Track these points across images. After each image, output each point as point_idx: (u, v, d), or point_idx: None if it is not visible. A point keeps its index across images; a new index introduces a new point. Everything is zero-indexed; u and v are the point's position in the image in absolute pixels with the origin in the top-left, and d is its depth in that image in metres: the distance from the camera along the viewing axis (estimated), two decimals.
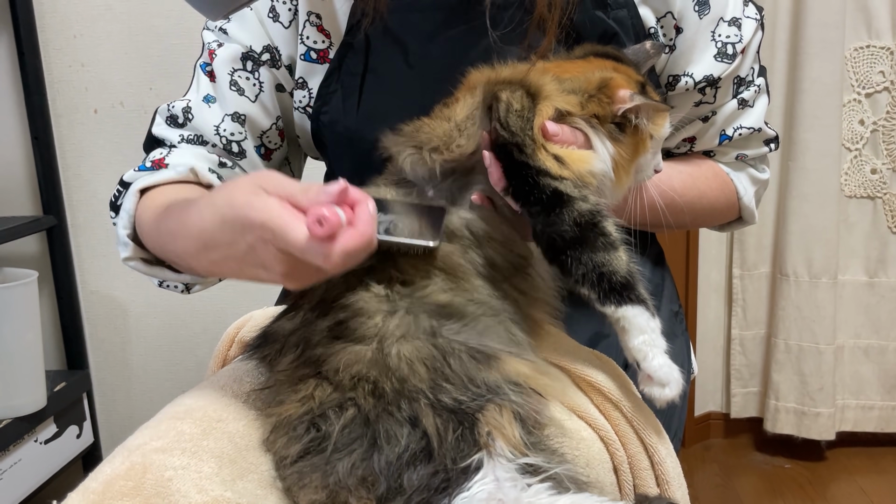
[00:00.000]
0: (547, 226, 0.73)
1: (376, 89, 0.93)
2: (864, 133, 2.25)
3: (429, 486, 0.63)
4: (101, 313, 1.95)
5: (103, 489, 0.66)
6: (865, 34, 2.19)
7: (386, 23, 0.92)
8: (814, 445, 2.31)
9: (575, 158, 0.76)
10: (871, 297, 2.33)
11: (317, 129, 0.98)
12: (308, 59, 0.96)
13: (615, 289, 0.71)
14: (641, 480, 0.76)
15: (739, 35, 0.95)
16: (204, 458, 0.68)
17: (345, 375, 0.68)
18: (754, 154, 1.05)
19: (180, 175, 0.92)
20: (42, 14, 1.78)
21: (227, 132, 0.98)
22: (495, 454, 0.63)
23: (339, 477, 0.65)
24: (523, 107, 0.77)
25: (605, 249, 0.72)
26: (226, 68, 0.97)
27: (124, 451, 0.70)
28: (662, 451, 0.77)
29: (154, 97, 1.84)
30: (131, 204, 0.92)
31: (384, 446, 0.65)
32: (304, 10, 0.95)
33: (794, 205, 2.23)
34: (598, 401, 0.79)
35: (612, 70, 0.81)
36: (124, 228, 0.93)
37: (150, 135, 1.01)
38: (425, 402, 0.66)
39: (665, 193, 0.89)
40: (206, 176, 0.94)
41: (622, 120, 0.79)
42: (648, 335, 0.72)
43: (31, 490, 1.65)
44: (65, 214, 1.85)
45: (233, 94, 0.97)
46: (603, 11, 0.90)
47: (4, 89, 1.81)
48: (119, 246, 0.95)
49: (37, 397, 1.63)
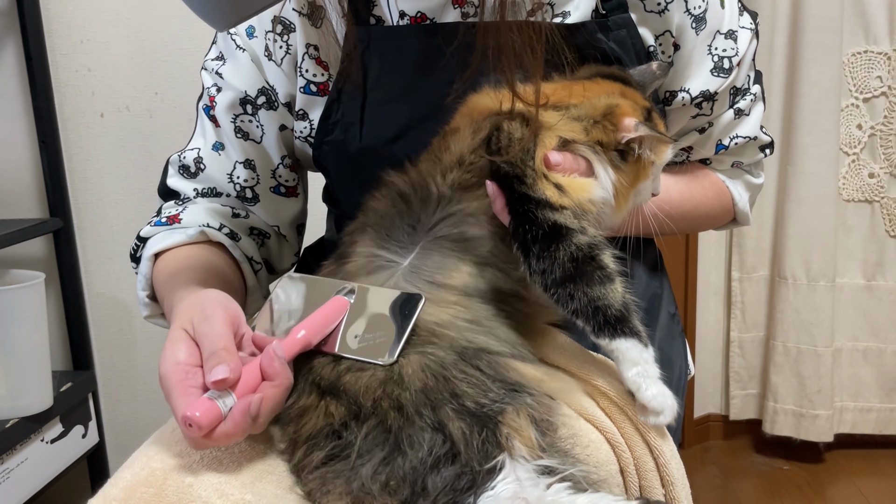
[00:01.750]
0: (543, 262, 0.73)
1: (376, 117, 0.93)
2: (861, 137, 2.26)
3: (454, 487, 0.64)
4: (107, 315, 1.96)
5: (125, 496, 0.67)
6: (863, 40, 2.21)
7: (382, 50, 0.92)
8: (812, 447, 2.32)
9: (576, 187, 0.77)
10: (869, 300, 2.33)
11: (319, 156, 0.99)
12: (308, 92, 0.96)
13: (609, 322, 0.73)
14: (647, 481, 0.78)
15: (735, 48, 0.95)
16: (223, 462, 0.70)
17: (365, 400, 0.69)
18: (750, 161, 1.06)
19: (191, 238, 0.96)
20: (49, 20, 1.79)
21: (241, 179, 1.01)
22: (516, 455, 0.65)
23: (362, 482, 0.66)
24: (523, 136, 0.78)
25: (602, 283, 0.73)
26: (227, 116, 1.00)
27: (142, 458, 0.71)
28: (667, 452, 0.79)
29: (159, 101, 1.85)
30: (147, 269, 0.96)
31: (408, 451, 0.66)
32: (303, 43, 0.95)
33: (793, 208, 2.24)
34: (604, 404, 0.80)
35: (619, 95, 0.82)
36: (143, 290, 0.98)
37: (165, 185, 1.04)
38: (450, 408, 0.67)
39: (661, 207, 0.90)
40: (216, 236, 0.98)
41: (625, 148, 0.80)
42: (642, 366, 0.74)
43: (38, 488, 1.66)
44: (71, 217, 1.86)
45: (239, 140, 1.00)
46: (603, 34, 0.90)
47: (12, 93, 1.81)
48: (140, 306, 1.00)
49: (44, 397, 1.63)
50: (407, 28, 0.92)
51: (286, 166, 1.03)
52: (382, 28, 0.93)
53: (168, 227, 0.99)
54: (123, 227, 1.91)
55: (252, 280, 1.01)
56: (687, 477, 0.79)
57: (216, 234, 0.98)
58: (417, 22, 0.92)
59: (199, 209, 1.00)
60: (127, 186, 1.90)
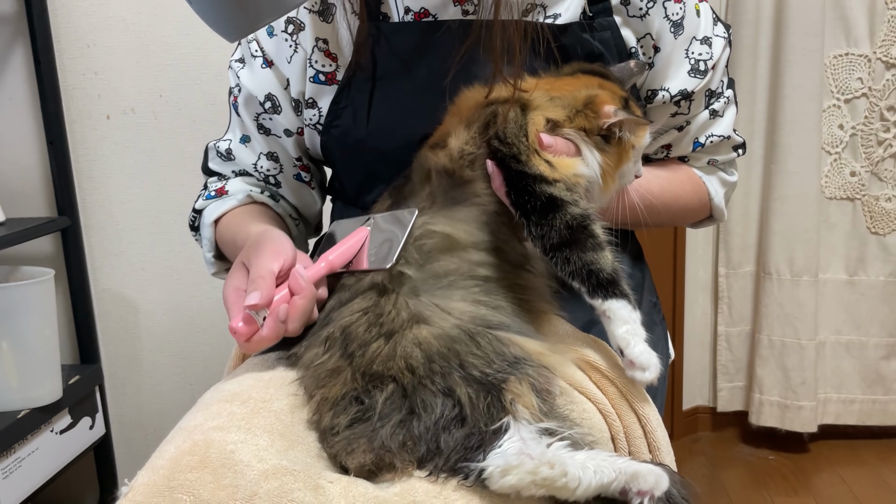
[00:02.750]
0: (541, 229, 0.80)
1: (383, 104, 1.00)
2: (843, 137, 2.28)
3: (465, 446, 0.70)
4: (113, 310, 1.98)
5: (171, 465, 0.70)
6: (844, 42, 2.24)
7: (390, 43, 0.99)
8: (797, 438, 2.36)
9: (564, 164, 0.84)
10: (851, 294, 2.36)
11: (326, 142, 1.05)
12: (317, 81, 1.03)
13: (602, 284, 0.79)
14: (636, 447, 0.84)
15: (710, 53, 1.03)
16: (258, 434, 0.74)
17: (379, 367, 0.76)
18: (724, 159, 1.13)
19: (241, 202, 1.12)
20: (57, 25, 1.82)
21: (264, 168, 1.13)
22: (519, 418, 0.70)
23: (382, 441, 0.72)
24: (517, 115, 0.85)
25: (594, 249, 0.80)
26: (250, 114, 1.10)
27: (183, 433, 0.75)
28: (654, 420, 0.85)
29: (164, 104, 1.88)
30: (210, 233, 1.12)
31: (422, 414, 0.72)
32: (312, 37, 1.02)
33: (777, 206, 2.26)
34: (595, 377, 0.86)
35: (597, 87, 0.89)
36: (209, 252, 1.13)
37: (207, 167, 1.17)
38: (458, 376, 0.73)
39: (644, 197, 0.98)
40: (261, 198, 1.13)
41: (607, 132, 0.87)
42: (630, 325, 0.79)
43: (48, 477, 1.68)
44: (78, 216, 1.88)
45: (261, 136, 1.11)
46: (589, 34, 0.98)
47: (21, 96, 1.84)
48: (207, 265, 1.16)
49: (53, 389, 1.66)
50: (411, 24, 0.99)
51: (303, 165, 1.14)
52: (390, 24, 1.00)
53: (218, 198, 1.12)
54: (129, 225, 1.94)
55: (294, 231, 1.17)
56: (676, 467, 0.84)
57: (261, 196, 1.13)
58: (421, 18, 0.99)
59: (239, 182, 1.14)
60: (132, 186, 1.92)
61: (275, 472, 0.69)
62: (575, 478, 0.67)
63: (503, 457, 0.68)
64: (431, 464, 0.71)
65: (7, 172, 1.88)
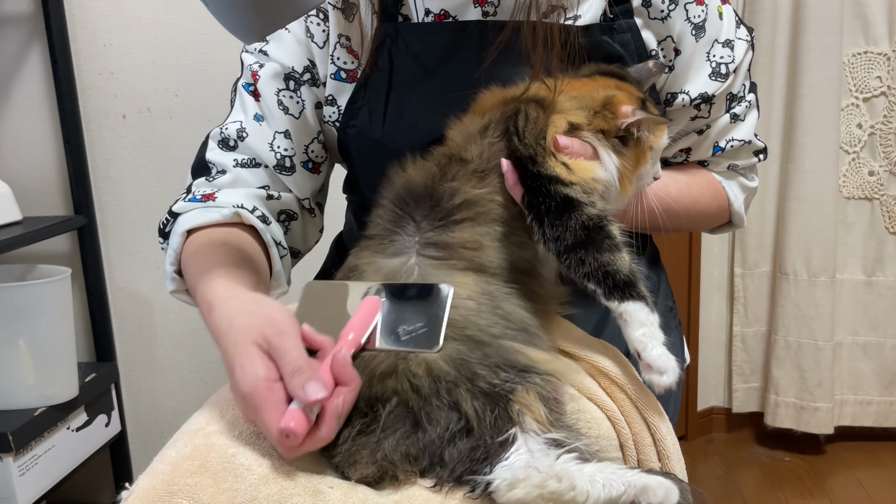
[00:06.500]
0: (556, 230, 0.78)
1: (400, 105, 0.99)
2: (861, 136, 2.27)
3: (470, 458, 0.70)
4: (129, 309, 1.99)
5: (172, 469, 0.71)
6: (863, 40, 2.22)
7: (408, 44, 0.99)
8: (813, 439, 2.34)
9: (581, 167, 0.83)
10: (868, 295, 2.35)
11: (343, 140, 1.04)
12: (338, 78, 1.02)
13: (618, 286, 0.77)
14: (644, 456, 0.83)
15: (732, 56, 1.01)
16: (261, 437, 0.74)
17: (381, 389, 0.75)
18: (744, 164, 1.11)
19: (225, 218, 0.98)
20: (74, 25, 1.83)
21: (281, 148, 1.03)
22: (527, 429, 0.70)
23: (385, 453, 0.72)
24: (538, 116, 0.84)
25: (610, 250, 0.78)
26: (272, 88, 1.02)
27: (184, 437, 0.76)
28: (663, 429, 0.84)
29: (179, 104, 1.89)
30: (178, 243, 0.97)
31: (427, 427, 0.72)
32: (335, 33, 1.01)
33: (794, 206, 2.25)
34: (604, 384, 0.85)
35: (615, 88, 0.88)
36: (171, 265, 0.99)
37: (202, 160, 1.05)
38: (465, 389, 0.73)
39: (663, 200, 0.96)
40: (249, 218, 0.99)
41: (625, 133, 0.86)
42: (648, 328, 0.77)
43: (65, 474, 1.70)
44: (95, 214, 1.90)
45: (280, 112, 1.03)
46: (609, 36, 0.97)
47: (38, 96, 1.86)
48: (166, 279, 1.00)
49: (70, 387, 1.67)
50: (431, 25, 0.99)
51: (320, 142, 1.07)
52: (409, 25, 1.00)
53: (202, 203, 1.00)
54: (144, 224, 1.94)
55: (278, 264, 1.03)
56: (690, 468, 0.84)
57: (249, 216, 0.99)
58: (441, 19, 0.99)
59: (234, 191, 1.02)
60: (148, 185, 1.93)
61: (275, 477, 0.70)
62: (583, 491, 0.66)
63: (510, 469, 0.68)
64: (435, 475, 0.71)
65: (24, 172, 1.90)
